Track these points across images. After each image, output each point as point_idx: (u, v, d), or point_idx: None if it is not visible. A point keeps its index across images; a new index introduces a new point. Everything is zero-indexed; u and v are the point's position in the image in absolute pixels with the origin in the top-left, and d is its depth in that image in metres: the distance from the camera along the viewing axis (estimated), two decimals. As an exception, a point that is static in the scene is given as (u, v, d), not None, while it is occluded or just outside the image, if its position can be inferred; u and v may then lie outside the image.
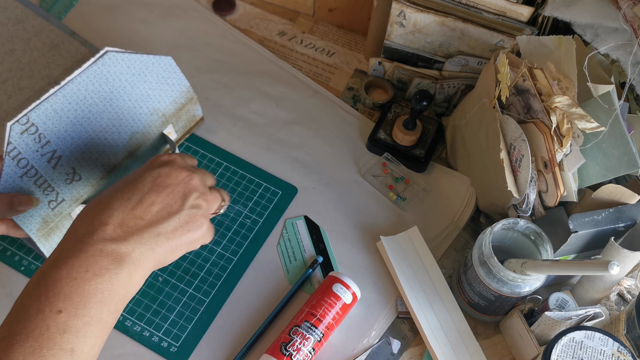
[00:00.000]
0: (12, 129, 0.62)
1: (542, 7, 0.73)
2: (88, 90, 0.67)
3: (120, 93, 0.70)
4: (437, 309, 0.71)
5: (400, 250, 0.74)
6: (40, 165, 0.65)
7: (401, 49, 0.85)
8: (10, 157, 0.62)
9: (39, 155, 0.65)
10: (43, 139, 0.64)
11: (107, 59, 0.68)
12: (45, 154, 0.65)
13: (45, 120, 0.64)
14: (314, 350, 0.66)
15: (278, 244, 0.76)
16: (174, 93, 0.76)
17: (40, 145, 0.64)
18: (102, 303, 0.49)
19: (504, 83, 0.68)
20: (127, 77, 0.70)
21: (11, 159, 0.63)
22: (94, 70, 0.67)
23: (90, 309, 0.48)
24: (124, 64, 0.69)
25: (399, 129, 0.82)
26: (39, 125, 0.64)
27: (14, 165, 0.63)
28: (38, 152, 0.64)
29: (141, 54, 0.71)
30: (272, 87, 0.89)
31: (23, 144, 0.63)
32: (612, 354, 0.60)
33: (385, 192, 0.81)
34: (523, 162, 0.67)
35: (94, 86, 0.67)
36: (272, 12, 0.99)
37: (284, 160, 0.82)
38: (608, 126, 0.62)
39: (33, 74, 0.84)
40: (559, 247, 0.66)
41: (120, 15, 0.94)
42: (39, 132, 0.64)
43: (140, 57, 0.71)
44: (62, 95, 0.65)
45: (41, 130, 0.64)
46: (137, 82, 0.71)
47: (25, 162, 0.64)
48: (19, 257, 0.72)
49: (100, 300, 0.49)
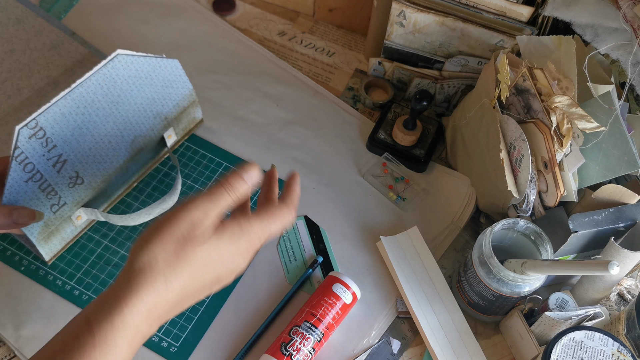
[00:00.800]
0: (20, 134, 0.61)
1: (542, 7, 0.73)
2: (97, 93, 0.66)
3: (127, 96, 0.69)
4: (437, 309, 0.71)
5: (400, 250, 0.74)
6: (45, 170, 0.64)
7: (401, 49, 0.85)
8: (17, 162, 0.62)
9: (45, 160, 0.64)
10: (50, 143, 0.64)
11: (117, 61, 0.67)
12: (51, 158, 0.64)
13: (53, 124, 0.63)
14: (314, 350, 0.66)
15: (278, 244, 0.76)
16: (178, 96, 0.76)
17: (47, 149, 0.64)
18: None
19: (504, 83, 0.68)
20: (135, 81, 0.69)
21: (18, 163, 0.62)
22: (103, 73, 0.66)
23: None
24: (132, 67, 0.68)
25: (399, 129, 0.82)
26: (47, 129, 0.63)
27: (20, 170, 0.62)
28: (44, 156, 0.64)
29: (150, 56, 0.70)
30: (272, 87, 0.89)
31: (30, 148, 0.62)
32: (612, 354, 0.60)
33: (385, 192, 0.81)
34: (523, 162, 0.67)
35: (103, 89, 0.67)
36: (272, 12, 0.99)
37: (284, 160, 0.82)
38: (608, 126, 0.62)
39: (32, 74, 0.84)
40: (559, 247, 0.66)
41: (120, 15, 0.94)
42: (47, 136, 0.63)
43: (149, 60, 0.70)
44: (71, 98, 0.64)
45: (49, 134, 0.63)
46: (143, 85, 0.70)
47: (31, 167, 0.63)
48: (19, 257, 0.72)
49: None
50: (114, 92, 0.68)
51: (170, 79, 0.73)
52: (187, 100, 0.77)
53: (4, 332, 0.67)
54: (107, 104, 0.67)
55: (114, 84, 0.67)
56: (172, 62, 0.73)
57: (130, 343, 0.48)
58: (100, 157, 0.69)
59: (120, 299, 0.47)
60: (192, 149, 0.82)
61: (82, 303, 0.69)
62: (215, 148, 0.83)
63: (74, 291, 0.70)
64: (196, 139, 0.83)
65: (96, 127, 0.67)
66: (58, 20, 0.91)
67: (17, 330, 0.67)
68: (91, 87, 0.66)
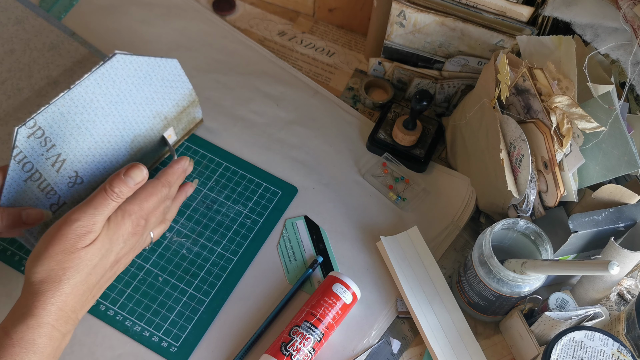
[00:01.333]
0: (18, 133, 0.61)
1: (542, 7, 0.73)
2: (95, 93, 0.67)
3: (125, 96, 0.70)
4: (437, 309, 0.71)
5: (400, 250, 0.74)
6: (44, 169, 0.65)
7: (401, 49, 0.85)
8: (15, 161, 0.62)
9: (43, 159, 0.64)
10: (49, 142, 0.64)
11: (115, 61, 0.67)
12: (49, 158, 0.65)
13: (52, 124, 0.64)
14: (314, 350, 0.66)
15: (278, 244, 0.76)
16: (177, 96, 0.76)
17: (45, 149, 0.64)
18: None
19: (504, 83, 0.68)
20: (134, 80, 0.70)
21: (17, 162, 0.62)
22: (102, 73, 0.67)
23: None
24: (131, 66, 0.69)
25: (399, 129, 0.82)
26: (45, 129, 0.63)
27: (19, 169, 0.63)
28: (43, 155, 0.64)
29: (148, 56, 0.71)
30: (272, 87, 0.89)
31: (29, 147, 0.63)
32: (612, 354, 0.60)
33: (385, 192, 0.81)
34: (523, 162, 0.67)
35: (101, 89, 0.67)
36: (272, 12, 0.99)
37: (284, 160, 0.82)
38: (608, 126, 0.62)
39: (32, 74, 0.84)
40: (559, 247, 0.66)
41: (120, 15, 0.94)
42: (45, 135, 0.63)
43: (147, 59, 0.70)
44: (70, 98, 0.65)
45: (47, 133, 0.64)
46: (142, 85, 0.71)
47: (30, 166, 0.63)
48: (18, 257, 0.72)
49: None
50: (112, 92, 0.68)
51: (170, 79, 0.74)
52: (186, 100, 0.77)
53: (4, 332, 0.67)
54: (106, 104, 0.68)
55: (112, 83, 0.68)
56: (171, 61, 0.73)
57: (50, 338, 0.54)
58: (100, 156, 0.69)
59: (30, 306, 0.54)
60: (192, 149, 0.82)
61: (82, 303, 0.70)
62: (215, 148, 0.83)
63: (74, 291, 0.70)
64: (196, 139, 0.83)
65: (95, 126, 0.68)
66: (58, 20, 0.91)
67: (17, 330, 0.67)
68: (90, 87, 0.66)
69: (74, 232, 0.56)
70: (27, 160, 0.63)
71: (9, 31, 0.88)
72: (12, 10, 0.90)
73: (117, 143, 0.71)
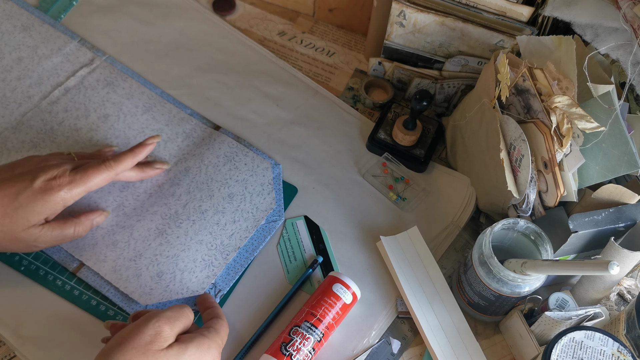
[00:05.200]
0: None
1: (542, 7, 0.73)
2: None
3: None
4: (437, 309, 0.71)
5: (400, 250, 0.74)
6: None
7: (401, 49, 0.85)
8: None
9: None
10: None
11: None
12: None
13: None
14: (314, 350, 0.66)
15: (278, 244, 0.76)
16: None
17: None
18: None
19: (504, 83, 0.68)
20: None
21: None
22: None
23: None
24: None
25: (399, 129, 0.82)
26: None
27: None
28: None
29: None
30: (272, 87, 0.89)
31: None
32: (612, 354, 0.60)
33: (385, 192, 0.81)
34: (523, 162, 0.67)
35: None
36: (272, 12, 0.99)
37: (284, 160, 0.82)
38: (608, 126, 0.62)
39: (42, 81, 0.84)
40: (559, 247, 0.66)
41: (120, 15, 0.94)
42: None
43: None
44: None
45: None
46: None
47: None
48: (18, 257, 0.72)
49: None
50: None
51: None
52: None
53: (4, 332, 0.67)
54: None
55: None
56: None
57: None
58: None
59: None
60: (192, 149, 0.82)
61: (81, 303, 0.69)
62: (215, 148, 0.83)
63: (74, 291, 0.70)
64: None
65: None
66: (57, 20, 0.91)
67: (17, 330, 0.67)
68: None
69: (153, 330, 0.57)
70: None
71: (15, 39, 0.87)
72: (18, 17, 0.89)
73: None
